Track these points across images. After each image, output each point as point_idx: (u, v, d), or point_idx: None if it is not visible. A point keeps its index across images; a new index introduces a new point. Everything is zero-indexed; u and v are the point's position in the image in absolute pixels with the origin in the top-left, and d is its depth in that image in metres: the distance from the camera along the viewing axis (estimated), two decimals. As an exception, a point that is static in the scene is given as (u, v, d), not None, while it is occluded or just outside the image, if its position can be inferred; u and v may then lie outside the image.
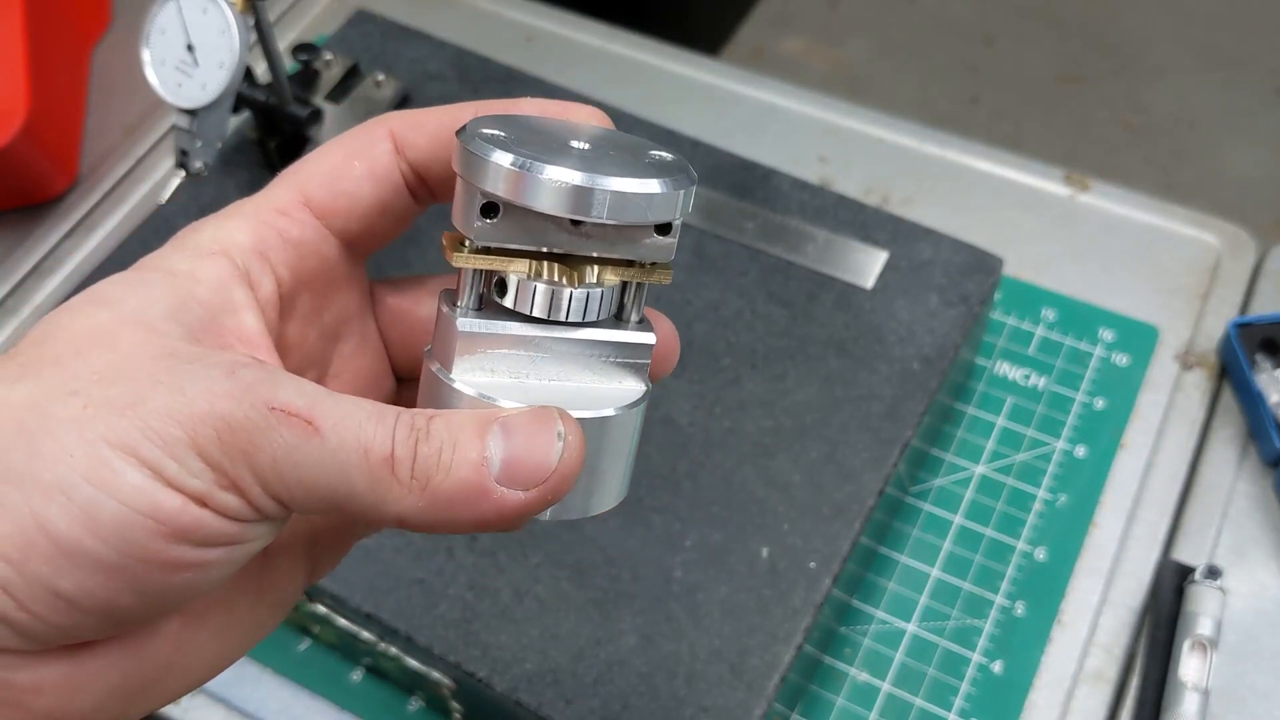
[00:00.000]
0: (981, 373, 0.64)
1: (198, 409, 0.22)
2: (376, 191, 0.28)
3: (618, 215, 0.25)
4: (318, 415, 0.23)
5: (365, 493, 0.24)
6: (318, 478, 0.23)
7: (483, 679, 0.48)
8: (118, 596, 0.22)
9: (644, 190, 0.25)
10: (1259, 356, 0.61)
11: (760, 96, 0.76)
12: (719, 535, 0.50)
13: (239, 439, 0.23)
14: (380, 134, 0.28)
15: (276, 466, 0.23)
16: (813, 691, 0.54)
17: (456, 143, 0.26)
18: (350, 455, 0.23)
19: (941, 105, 1.69)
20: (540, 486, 0.24)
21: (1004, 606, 0.56)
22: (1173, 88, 1.70)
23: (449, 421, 0.24)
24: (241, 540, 0.24)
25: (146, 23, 0.58)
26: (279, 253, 0.27)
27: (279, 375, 0.24)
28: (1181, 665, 0.52)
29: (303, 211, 0.28)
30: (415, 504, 0.24)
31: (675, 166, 0.27)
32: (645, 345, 0.28)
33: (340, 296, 0.30)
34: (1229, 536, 0.58)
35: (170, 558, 0.23)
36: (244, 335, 0.26)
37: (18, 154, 0.69)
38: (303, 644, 0.57)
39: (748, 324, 0.56)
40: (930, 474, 0.60)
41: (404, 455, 0.24)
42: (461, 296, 0.27)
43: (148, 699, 0.25)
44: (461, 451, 0.24)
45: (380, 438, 0.23)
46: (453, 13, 0.82)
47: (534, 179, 0.25)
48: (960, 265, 0.57)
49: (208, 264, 0.26)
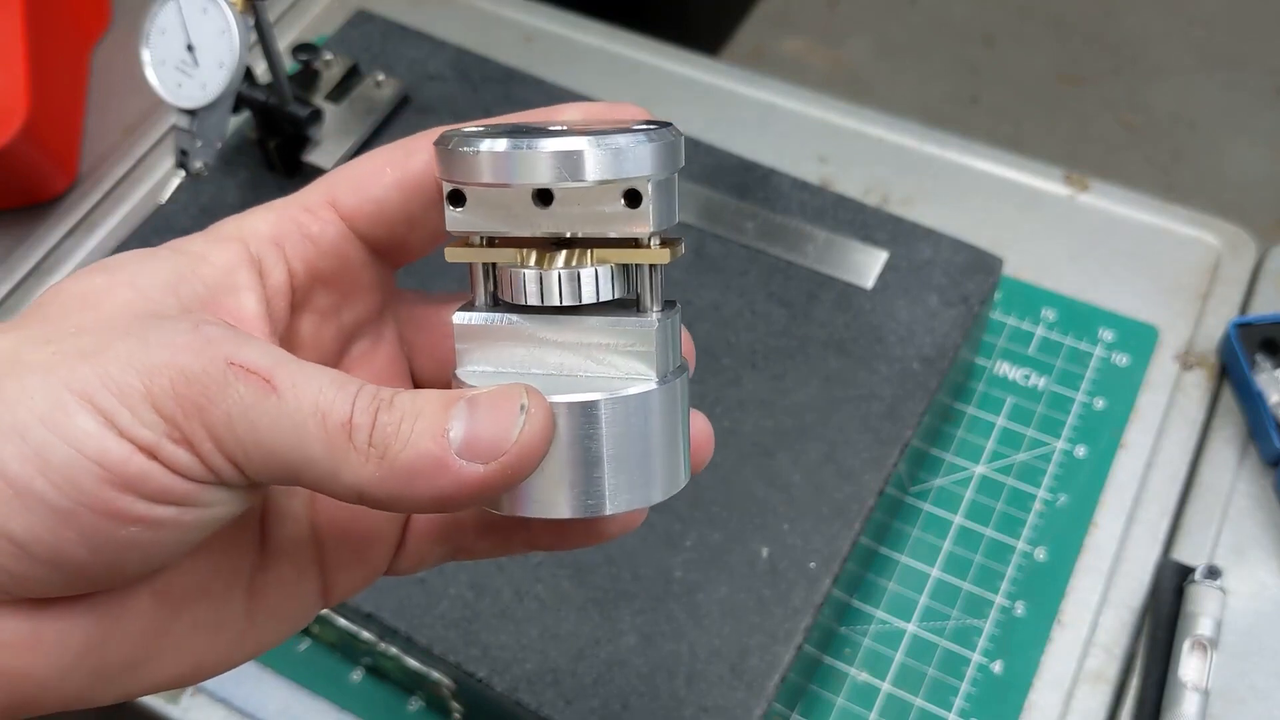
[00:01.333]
0: (981, 373, 0.64)
1: (156, 358, 0.23)
2: (405, 201, 0.28)
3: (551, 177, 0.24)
4: (278, 375, 0.23)
5: (321, 458, 0.23)
6: (273, 439, 0.23)
7: (483, 679, 0.48)
8: (66, 545, 0.22)
9: (569, 147, 0.24)
10: (1259, 356, 0.61)
11: (760, 96, 0.76)
12: (719, 535, 0.50)
13: (194, 391, 0.22)
14: (422, 145, 0.28)
15: (231, 424, 0.23)
16: (813, 691, 0.54)
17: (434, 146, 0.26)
18: (307, 418, 0.23)
19: (941, 105, 1.69)
20: (500, 460, 0.23)
21: (1004, 606, 0.56)
22: (1173, 88, 1.70)
23: (415, 396, 0.24)
24: (195, 502, 0.23)
25: (146, 23, 0.58)
26: (295, 246, 0.28)
27: (246, 336, 0.24)
28: (1181, 665, 0.52)
29: (327, 211, 0.28)
30: (372, 474, 0.23)
31: (643, 130, 0.25)
32: (646, 333, 0.26)
33: (361, 299, 0.29)
34: (1229, 536, 0.58)
35: (117, 507, 0.22)
36: (240, 315, 0.26)
37: (18, 154, 0.69)
38: (303, 644, 0.57)
39: (748, 324, 0.56)
40: (930, 474, 0.60)
41: (363, 422, 0.23)
42: (474, 294, 0.27)
43: (121, 681, 0.25)
44: (424, 423, 0.23)
45: (340, 403, 0.23)
46: (453, 13, 0.82)
47: (472, 154, 0.24)
48: (960, 265, 0.57)
49: (220, 247, 0.26)
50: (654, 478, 0.27)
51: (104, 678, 0.25)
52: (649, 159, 0.25)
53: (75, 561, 0.23)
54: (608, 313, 0.27)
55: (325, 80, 0.65)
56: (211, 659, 0.27)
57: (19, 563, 0.22)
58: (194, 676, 0.26)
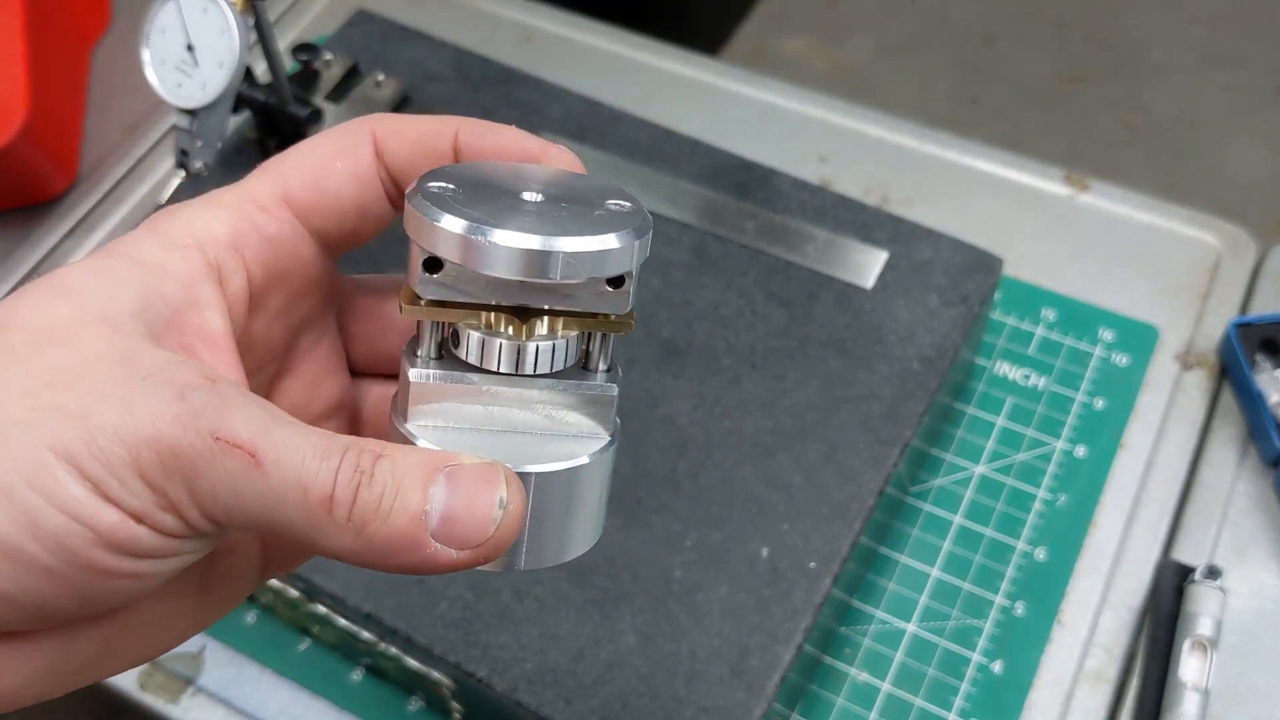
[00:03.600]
0: (981, 373, 0.64)
1: (143, 431, 0.23)
2: (357, 193, 0.28)
3: (544, 274, 0.25)
4: (262, 448, 0.23)
5: (301, 526, 0.24)
6: (256, 507, 0.23)
7: (483, 679, 0.48)
8: (54, 598, 0.23)
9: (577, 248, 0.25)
10: (1259, 356, 0.61)
11: (760, 96, 0.76)
12: (719, 535, 0.50)
13: (181, 465, 0.23)
14: (364, 136, 0.28)
15: (216, 494, 0.23)
16: (813, 691, 0.54)
17: (406, 202, 0.26)
18: (289, 491, 0.23)
19: (941, 105, 1.69)
20: (474, 549, 0.24)
21: (1004, 606, 0.56)
22: (1173, 88, 1.70)
23: (395, 464, 0.24)
24: (177, 553, 0.24)
25: (146, 23, 0.58)
26: (254, 249, 0.27)
27: (230, 401, 0.23)
28: (1181, 665, 0.52)
29: (282, 209, 0.28)
30: (349, 545, 0.24)
31: (623, 219, 0.26)
32: (607, 398, 0.28)
33: (311, 294, 0.29)
34: (1229, 536, 0.58)
35: (106, 566, 0.23)
36: (206, 334, 0.26)
37: (18, 154, 0.69)
38: (303, 644, 0.57)
39: (748, 324, 0.56)
40: (930, 474, 0.60)
41: (343, 498, 0.23)
42: (421, 346, 0.27)
43: (80, 678, 0.26)
44: (402, 500, 0.24)
45: (322, 477, 0.23)
46: (453, 13, 0.82)
47: (471, 241, 0.24)
48: (960, 265, 0.57)
49: (178, 257, 0.26)
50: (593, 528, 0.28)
51: (64, 679, 0.25)
52: (638, 254, 0.26)
53: (60, 610, 0.23)
54: (562, 374, 0.27)
55: (325, 80, 0.65)
56: (166, 643, 0.27)
57: (3, 610, 0.23)
58: (149, 659, 0.27)
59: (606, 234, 0.25)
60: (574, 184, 0.28)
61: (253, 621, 0.58)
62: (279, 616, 0.57)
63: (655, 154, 0.62)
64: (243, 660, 0.57)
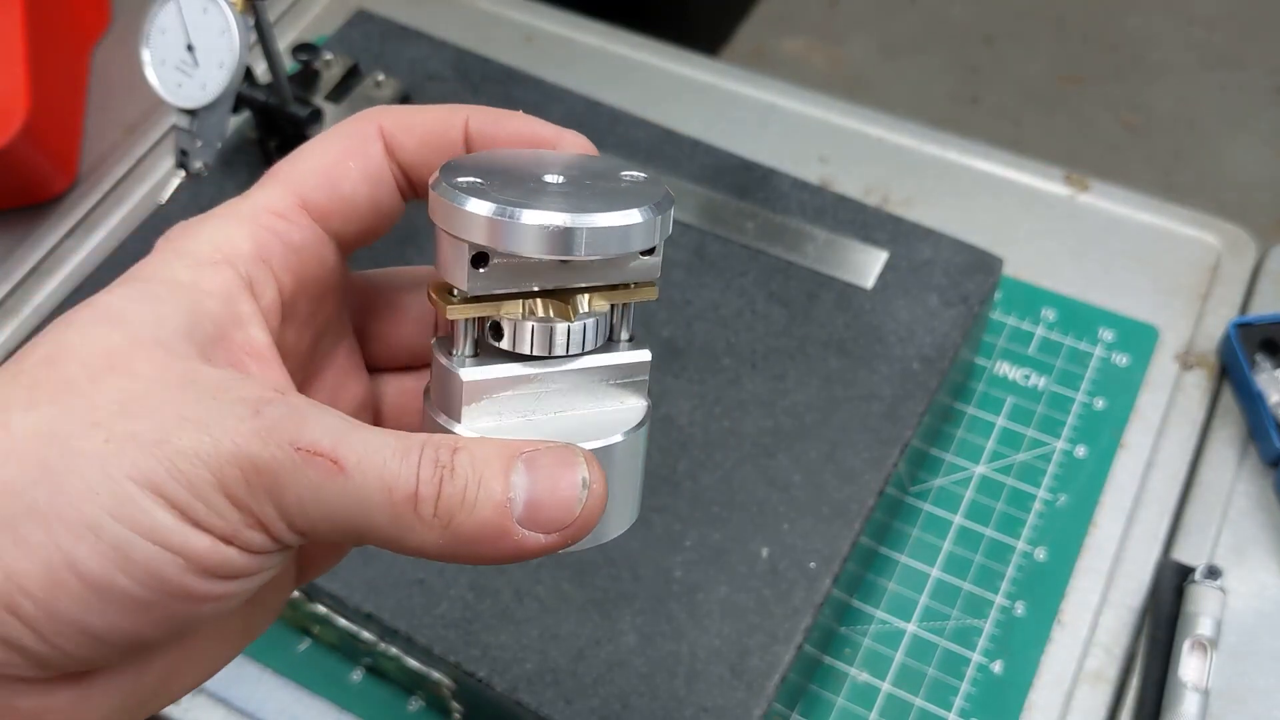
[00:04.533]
0: (981, 373, 0.64)
1: (224, 450, 0.22)
2: (371, 192, 0.28)
3: (603, 250, 0.25)
4: (342, 454, 0.23)
5: (386, 527, 0.24)
6: (341, 513, 0.23)
7: (483, 679, 0.48)
8: (143, 629, 0.23)
9: (627, 222, 0.25)
10: (1259, 356, 0.61)
11: (760, 96, 0.76)
12: (719, 535, 0.50)
13: (265, 480, 0.23)
14: (372, 132, 0.28)
15: (302, 504, 0.23)
16: (813, 691, 0.54)
17: (434, 195, 0.26)
18: (374, 493, 0.23)
19: (941, 105, 1.69)
20: (562, 532, 0.25)
21: (1004, 606, 0.56)
22: (1173, 88, 1.70)
23: (474, 455, 0.24)
24: (262, 569, 0.24)
25: (146, 23, 0.58)
26: (281, 260, 0.27)
27: (304, 411, 0.23)
28: (1181, 665, 0.52)
29: (302, 215, 0.28)
30: (436, 540, 0.24)
31: (651, 190, 0.27)
32: (643, 363, 0.28)
33: (332, 297, 0.29)
34: (1229, 536, 0.58)
35: (199, 591, 0.23)
36: (253, 350, 0.26)
37: (18, 154, 0.69)
38: (303, 644, 0.57)
39: (748, 324, 0.56)
40: (930, 474, 0.60)
41: (428, 494, 0.24)
42: (458, 345, 0.27)
43: (144, 711, 0.26)
44: (486, 490, 0.24)
45: (405, 475, 0.23)
46: (453, 13, 0.82)
47: (522, 226, 0.25)
48: (960, 265, 0.57)
49: (212, 274, 0.26)
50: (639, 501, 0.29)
51: (132, 713, 0.25)
52: (671, 221, 0.27)
53: (147, 641, 0.23)
54: (597, 350, 0.28)
55: (325, 80, 0.65)
56: (218, 664, 0.27)
57: (90, 650, 0.23)
58: (202, 682, 0.27)
59: (639, 205, 0.26)
60: (588, 165, 0.28)
61: (253, 621, 0.58)
62: (279, 617, 0.57)
63: (655, 154, 0.62)
64: (243, 660, 0.57)
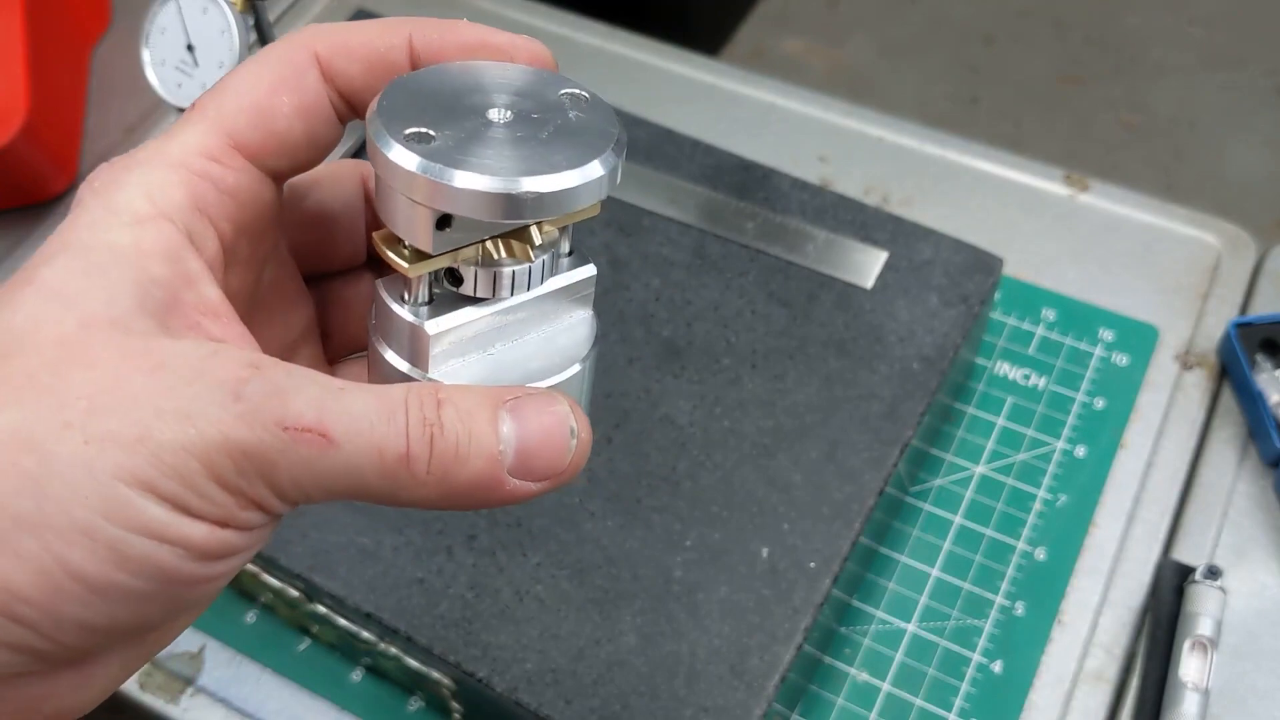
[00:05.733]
0: (981, 373, 0.64)
1: (210, 439, 0.22)
2: (307, 127, 0.27)
3: (568, 207, 0.25)
4: (329, 425, 0.23)
5: (381, 487, 0.24)
6: (336, 481, 0.23)
7: (483, 679, 0.48)
8: (147, 617, 0.23)
9: (585, 179, 0.25)
10: (1259, 356, 0.61)
11: (760, 96, 0.76)
12: (719, 535, 0.50)
13: (256, 463, 0.23)
14: (307, 59, 0.26)
15: (296, 481, 0.23)
16: (813, 691, 0.54)
17: (386, 157, 0.24)
18: (366, 459, 0.23)
19: (941, 105, 1.69)
20: (552, 479, 0.25)
21: (1004, 606, 0.56)
22: (1173, 88, 1.70)
23: (459, 408, 0.24)
24: (259, 541, 0.24)
25: (146, 23, 0.58)
26: (218, 207, 0.26)
27: (284, 386, 0.23)
28: (1181, 665, 0.52)
29: (234, 157, 0.26)
30: (431, 495, 0.24)
31: (601, 122, 0.26)
32: (589, 279, 0.29)
33: (269, 232, 0.28)
34: (1229, 536, 0.58)
35: (199, 575, 0.23)
36: (207, 308, 0.25)
37: (18, 154, 0.69)
38: (303, 644, 0.57)
39: (748, 324, 0.56)
40: (930, 474, 0.60)
41: (419, 453, 0.24)
42: (413, 293, 0.27)
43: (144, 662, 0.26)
44: (477, 443, 0.24)
45: (394, 437, 0.23)
46: (453, 13, 0.81)
47: (488, 195, 0.24)
48: (960, 265, 0.57)
49: (151, 233, 0.24)
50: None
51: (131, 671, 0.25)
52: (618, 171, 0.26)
53: (152, 625, 0.23)
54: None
55: (325, 80, 0.65)
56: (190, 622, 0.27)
57: (94, 640, 0.23)
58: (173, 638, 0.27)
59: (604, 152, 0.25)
60: (532, 86, 0.27)
61: (253, 621, 0.58)
62: (279, 616, 0.57)
63: (655, 154, 0.62)
64: (243, 660, 0.57)
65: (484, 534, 0.51)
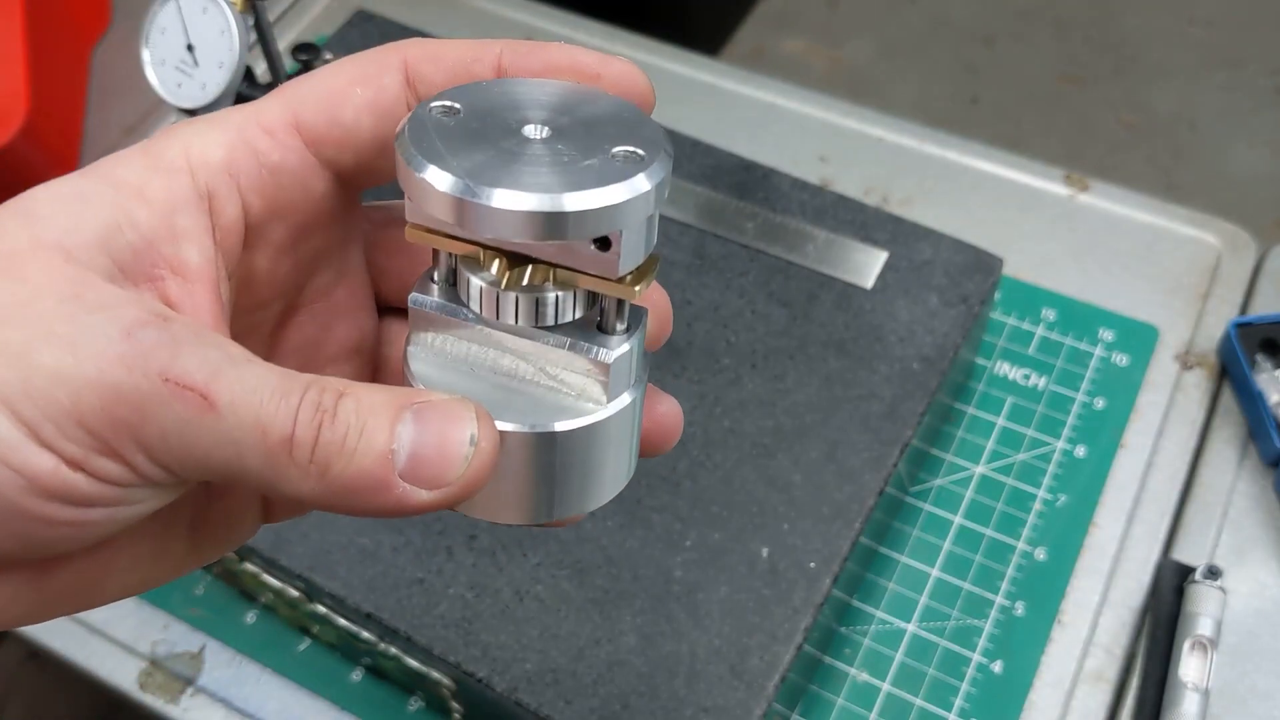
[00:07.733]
0: (981, 373, 0.64)
1: (86, 372, 0.21)
2: (377, 126, 0.26)
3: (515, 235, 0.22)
4: (215, 389, 0.22)
5: (260, 470, 0.22)
6: (210, 453, 0.22)
7: (483, 679, 0.48)
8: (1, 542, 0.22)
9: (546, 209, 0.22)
10: (1259, 356, 0.61)
11: (760, 96, 0.76)
12: (719, 535, 0.50)
13: (126, 410, 0.21)
14: (393, 63, 0.26)
15: (165, 439, 0.22)
16: (813, 691, 0.54)
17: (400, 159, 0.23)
18: (247, 434, 0.22)
19: (941, 105, 1.69)
20: (445, 489, 0.23)
21: (1004, 606, 0.56)
22: (1173, 88, 1.70)
23: (360, 402, 0.23)
24: (124, 502, 0.23)
25: (146, 23, 0.58)
26: (252, 177, 0.25)
27: (181, 339, 0.22)
28: (1181, 665, 0.52)
29: (291, 135, 0.25)
30: (312, 488, 0.22)
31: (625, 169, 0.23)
32: (601, 364, 0.25)
33: (323, 229, 0.27)
34: (1229, 536, 0.58)
35: (44, 513, 0.22)
36: (179, 266, 0.24)
37: (18, 154, 0.69)
38: (303, 644, 0.57)
39: (748, 324, 0.56)
40: (930, 474, 0.60)
41: (304, 438, 0.22)
42: (435, 268, 0.26)
43: (61, 608, 0.25)
44: (368, 439, 0.22)
45: (281, 417, 0.22)
46: (453, 13, 0.82)
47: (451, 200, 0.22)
48: (960, 265, 0.57)
49: (163, 181, 0.24)
50: (599, 488, 0.27)
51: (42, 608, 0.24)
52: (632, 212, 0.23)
53: (6, 550, 0.22)
54: (568, 330, 0.25)
55: (325, 80, 0.65)
56: (156, 578, 0.26)
57: None
58: (139, 591, 0.26)
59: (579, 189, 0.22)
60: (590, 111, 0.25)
61: (253, 621, 0.58)
62: (279, 616, 0.57)
63: (655, 154, 0.62)
64: (243, 660, 0.57)
65: (484, 534, 0.51)
